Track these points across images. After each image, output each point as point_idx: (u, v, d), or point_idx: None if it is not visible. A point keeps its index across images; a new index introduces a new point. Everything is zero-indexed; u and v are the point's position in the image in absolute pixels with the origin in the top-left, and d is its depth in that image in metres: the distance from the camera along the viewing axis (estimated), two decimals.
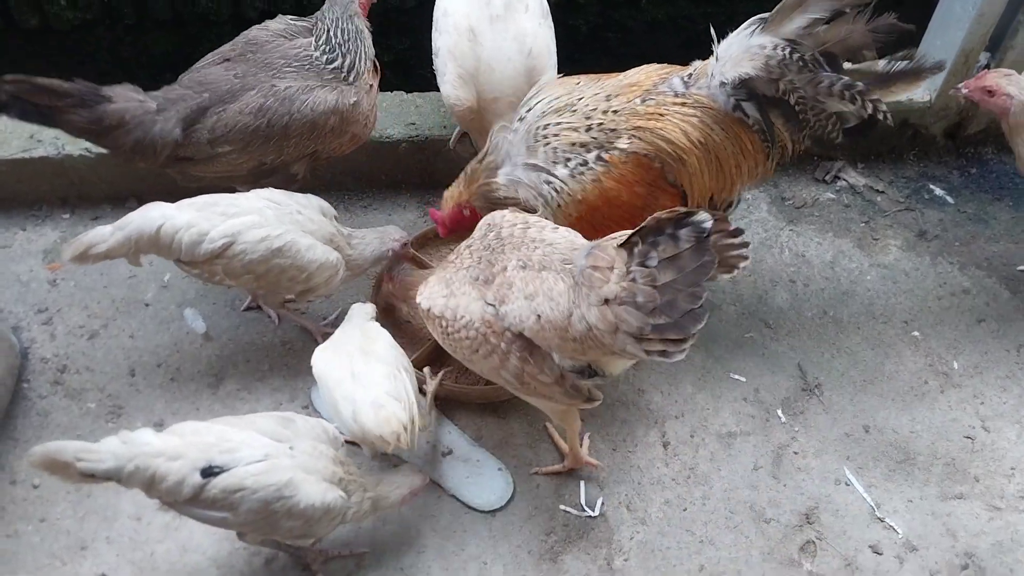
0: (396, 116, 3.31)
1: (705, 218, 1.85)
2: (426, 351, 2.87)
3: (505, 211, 2.42)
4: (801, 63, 2.31)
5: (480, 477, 2.67)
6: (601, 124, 2.50)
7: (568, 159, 2.50)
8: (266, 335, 3.01)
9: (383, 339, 2.48)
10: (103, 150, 3.02)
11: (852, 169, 3.45)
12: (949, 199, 3.37)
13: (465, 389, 2.80)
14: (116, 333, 3.02)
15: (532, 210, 2.54)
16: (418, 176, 3.38)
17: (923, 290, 3.13)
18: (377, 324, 2.58)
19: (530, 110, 2.59)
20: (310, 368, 2.85)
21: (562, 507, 2.63)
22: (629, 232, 1.96)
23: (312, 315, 3.05)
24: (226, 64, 2.84)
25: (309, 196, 2.77)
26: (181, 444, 2.12)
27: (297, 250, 2.59)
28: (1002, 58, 3.15)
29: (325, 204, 2.78)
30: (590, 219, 2.49)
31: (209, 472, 2.07)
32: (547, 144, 2.52)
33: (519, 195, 2.56)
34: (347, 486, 2.23)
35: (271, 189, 2.72)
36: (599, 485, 2.67)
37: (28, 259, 3.20)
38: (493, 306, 2.21)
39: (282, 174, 2.91)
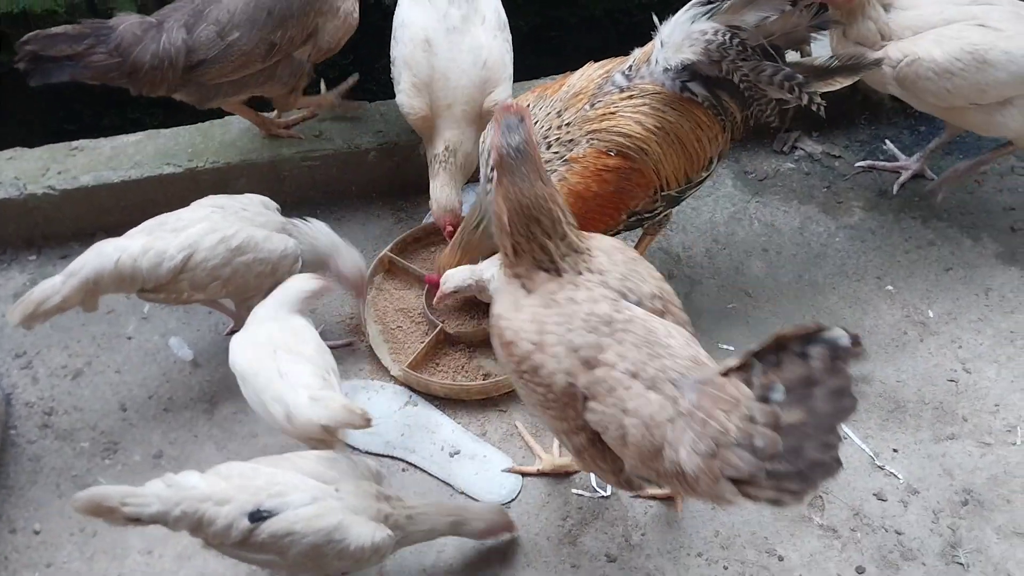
0: (363, 125, 3.32)
1: (840, 335, 1.60)
2: (422, 353, 2.88)
3: (635, 256, 2.18)
4: (741, 48, 2.38)
5: (488, 473, 2.68)
6: (559, 138, 2.54)
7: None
8: None
9: (312, 340, 2.44)
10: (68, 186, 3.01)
11: (808, 138, 3.56)
12: (903, 157, 3.50)
13: (465, 386, 2.82)
14: (101, 370, 2.96)
15: None
16: (389, 183, 3.39)
17: (891, 246, 3.24)
18: (305, 321, 2.50)
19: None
20: None
21: (574, 491, 2.66)
22: (743, 356, 1.72)
23: None
24: None
25: (249, 195, 2.81)
26: (229, 488, 2.09)
27: (255, 243, 2.62)
28: None
29: (267, 199, 2.82)
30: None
31: (258, 517, 2.05)
32: None
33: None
34: (394, 522, 2.19)
35: (211, 196, 2.75)
36: None
37: None
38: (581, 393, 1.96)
39: (289, 65, 2.98)
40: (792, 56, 2.65)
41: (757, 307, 3.08)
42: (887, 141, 3.54)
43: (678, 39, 2.46)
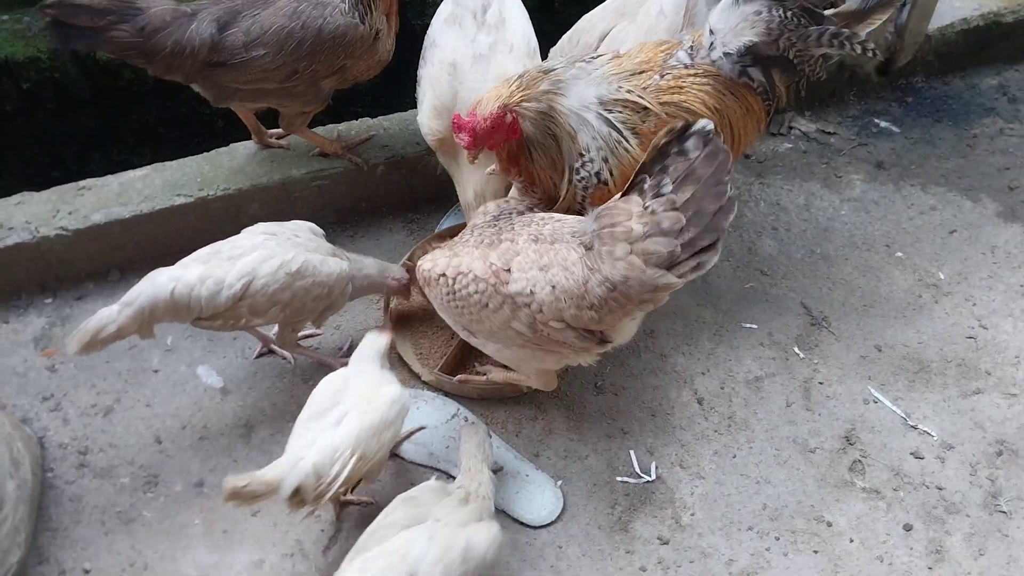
0: (369, 141, 3.33)
1: (706, 123, 1.94)
2: (452, 357, 2.91)
3: (508, 201, 2.49)
4: (795, 20, 2.44)
5: (530, 493, 2.66)
6: (635, 101, 2.52)
7: (630, 129, 2.50)
8: (285, 377, 2.99)
9: (369, 418, 2.32)
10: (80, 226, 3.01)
11: (801, 118, 3.64)
12: (895, 129, 3.59)
13: (498, 384, 2.83)
14: (131, 405, 2.95)
15: (565, 153, 2.47)
16: (398, 196, 3.41)
17: (895, 214, 3.32)
18: (398, 391, 2.42)
19: (592, 64, 2.54)
20: None
21: (619, 479, 2.69)
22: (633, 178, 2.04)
23: (325, 350, 3.04)
24: None
25: (297, 221, 2.81)
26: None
27: (314, 267, 2.62)
28: None
29: (314, 226, 2.83)
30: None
31: None
32: (618, 109, 2.50)
33: (575, 132, 2.45)
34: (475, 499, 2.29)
35: (260, 224, 2.75)
36: (648, 451, 2.74)
37: (19, 350, 3.09)
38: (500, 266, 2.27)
39: (310, 90, 3.02)
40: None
41: (774, 284, 3.14)
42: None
43: (733, 23, 2.49)
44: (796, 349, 2.96)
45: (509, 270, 2.24)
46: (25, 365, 3.05)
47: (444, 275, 2.35)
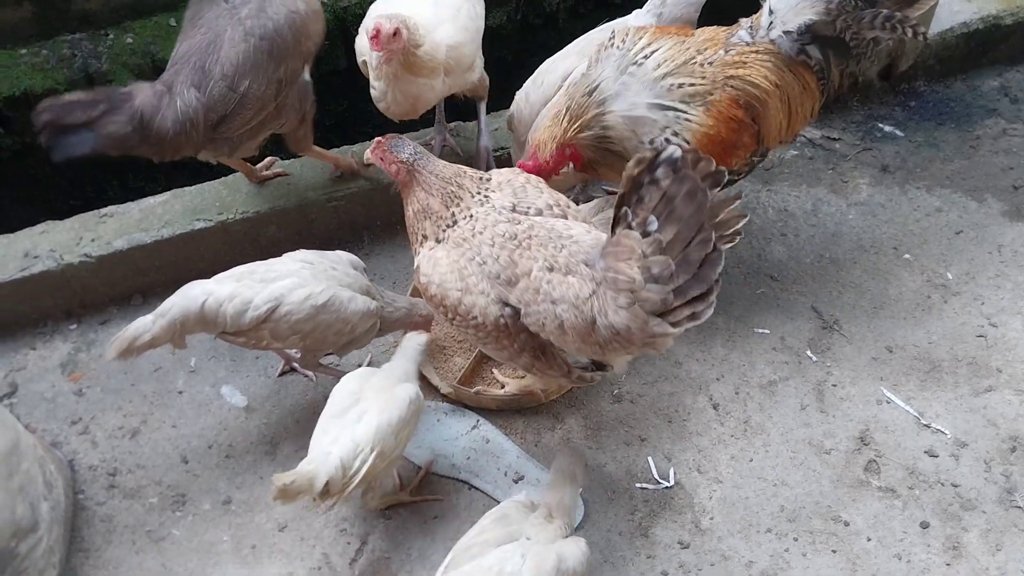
0: None
1: (672, 150, 1.88)
2: (469, 369, 2.97)
3: (528, 178, 2.43)
4: (851, 2, 2.53)
5: None
6: (704, 76, 2.61)
7: (690, 101, 2.59)
8: (308, 393, 3.05)
9: (387, 416, 2.43)
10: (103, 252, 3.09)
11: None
12: (899, 132, 3.64)
13: (516, 396, 2.88)
14: (157, 426, 3.01)
15: (633, 151, 2.50)
16: None
17: (901, 217, 3.37)
18: (413, 389, 2.53)
19: (638, 62, 2.62)
20: None
21: (638, 485, 2.73)
22: (615, 210, 2.00)
23: (346, 366, 3.09)
24: (188, 33, 2.89)
25: (339, 252, 2.86)
26: None
27: (340, 303, 2.66)
28: None
29: (355, 258, 2.87)
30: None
31: None
32: (672, 88, 2.59)
33: (636, 131, 2.58)
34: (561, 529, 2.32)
35: (302, 250, 2.80)
36: (666, 457, 2.79)
37: (47, 376, 3.16)
38: (511, 307, 2.24)
39: (297, 91, 3.02)
40: None
41: (784, 289, 3.18)
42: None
43: (794, 2, 2.59)
44: (809, 352, 3.01)
45: (523, 315, 2.24)
46: (53, 390, 3.12)
47: (452, 308, 2.33)
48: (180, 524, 2.78)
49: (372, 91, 3.09)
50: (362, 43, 3.06)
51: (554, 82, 2.92)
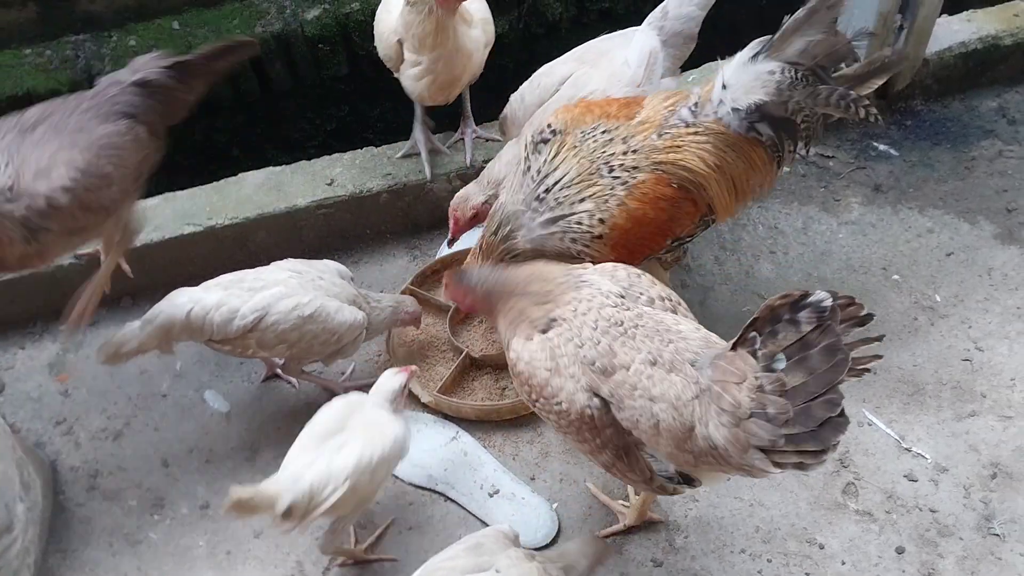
0: (372, 169, 3.42)
1: (823, 296, 1.77)
2: (450, 379, 2.97)
3: (645, 276, 2.26)
4: (804, 82, 2.46)
5: (526, 515, 2.70)
6: (622, 164, 2.57)
7: (588, 197, 2.56)
8: (289, 400, 3.06)
9: (368, 453, 2.33)
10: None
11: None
12: (893, 152, 3.61)
13: (496, 406, 2.89)
14: (140, 429, 3.03)
15: (562, 256, 2.57)
16: (401, 223, 3.49)
17: (892, 237, 3.34)
18: (402, 431, 2.44)
19: (543, 184, 2.62)
20: None
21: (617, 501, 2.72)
22: (742, 331, 1.86)
23: (329, 374, 3.10)
24: None
25: (326, 262, 2.88)
26: None
27: (327, 314, 2.67)
28: (915, 16, 3.42)
29: (342, 268, 2.88)
30: (624, 242, 2.56)
31: None
32: (561, 201, 2.59)
33: (546, 249, 2.60)
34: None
35: (290, 259, 2.82)
36: None
37: (34, 375, 3.19)
38: (601, 399, 2.06)
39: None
40: None
41: None
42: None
43: (747, 80, 2.51)
44: None
45: (614, 405, 2.05)
46: (40, 390, 3.15)
47: (537, 387, 2.15)
48: (158, 527, 2.80)
49: (410, 74, 3.10)
50: (387, 26, 3.08)
51: (550, 86, 2.92)
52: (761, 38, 2.53)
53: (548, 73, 2.98)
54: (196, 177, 3.61)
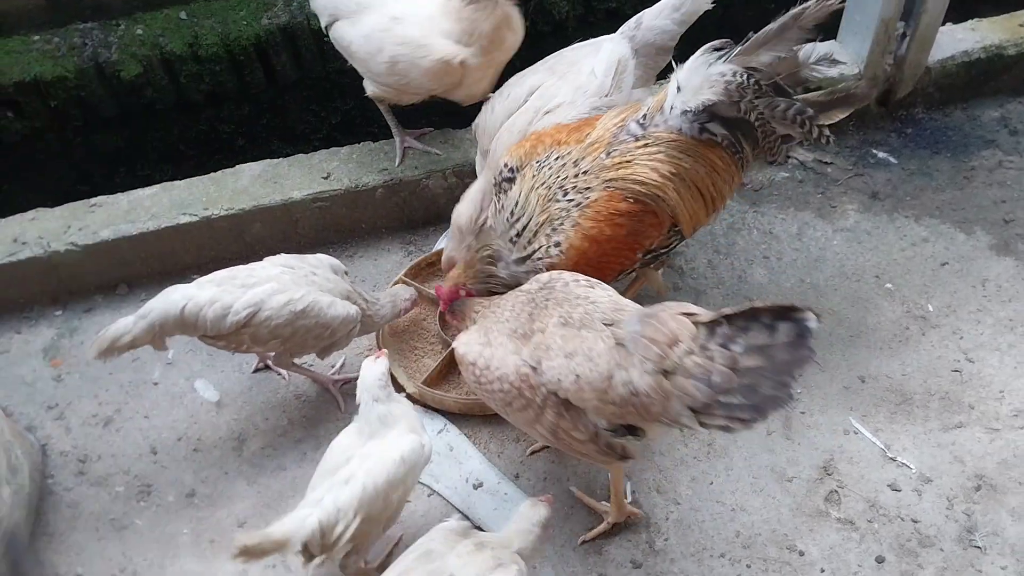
0: (368, 164, 3.43)
1: (811, 318, 1.85)
2: (437, 371, 2.98)
3: (564, 272, 2.43)
4: (758, 87, 2.45)
5: (507, 510, 2.69)
6: (575, 186, 2.58)
7: (546, 222, 2.59)
8: (279, 392, 3.08)
9: (375, 481, 2.29)
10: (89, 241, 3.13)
11: (800, 147, 3.66)
12: (892, 160, 3.60)
13: (479, 400, 2.87)
14: (130, 416, 3.06)
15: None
16: (397, 219, 3.50)
17: (886, 245, 3.33)
18: (408, 446, 2.37)
19: (514, 227, 2.66)
20: (329, 416, 2.96)
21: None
22: (714, 313, 1.98)
23: (320, 367, 3.12)
24: None
25: (319, 256, 2.89)
26: None
27: (320, 309, 2.69)
28: (917, 24, 3.40)
29: (336, 262, 2.89)
30: (586, 262, 2.55)
31: None
32: (531, 240, 2.63)
33: (522, 282, 2.60)
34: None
35: (283, 255, 2.83)
36: (626, 475, 2.78)
37: (29, 360, 3.23)
38: (529, 363, 2.23)
39: None
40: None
41: None
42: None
43: (696, 83, 2.50)
44: None
45: (536, 368, 2.22)
46: (34, 374, 3.19)
47: (475, 364, 2.35)
48: (143, 514, 2.83)
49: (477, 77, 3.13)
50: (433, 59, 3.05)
51: (519, 96, 2.92)
52: (714, 42, 2.53)
53: (518, 83, 2.98)
54: (201, 167, 3.64)
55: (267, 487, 2.84)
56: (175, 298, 2.63)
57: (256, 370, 3.13)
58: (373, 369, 2.48)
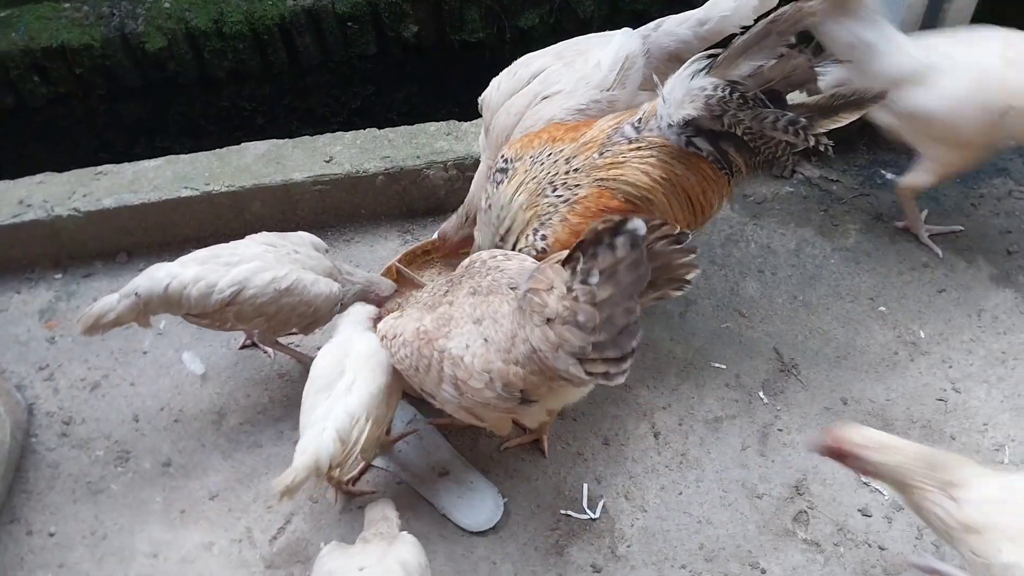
0: (371, 151, 3.45)
1: (639, 225, 1.89)
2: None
3: (484, 251, 2.55)
4: (741, 101, 2.41)
5: (471, 499, 2.74)
6: (565, 183, 2.59)
7: (536, 224, 2.60)
8: (263, 370, 3.12)
9: (376, 383, 2.47)
10: (92, 208, 3.18)
11: (807, 163, 3.62)
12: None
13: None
14: (117, 382, 3.11)
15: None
16: (396, 206, 3.52)
17: (885, 267, 3.28)
18: (383, 357, 2.53)
19: (499, 231, 2.69)
20: None
21: (562, 511, 2.72)
22: (571, 250, 2.02)
23: (306, 348, 3.15)
24: None
25: (301, 234, 2.90)
26: None
27: (303, 287, 2.72)
28: None
29: (317, 240, 2.91)
30: None
31: None
32: (510, 237, 2.66)
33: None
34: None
35: (265, 233, 2.85)
36: (596, 479, 2.78)
37: (25, 320, 3.30)
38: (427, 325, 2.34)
39: None
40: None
41: (751, 327, 3.14)
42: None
43: (679, 96, 2.49)
44: (761, 393, 2.96)
45: (444, 332, 2.30)
46: (28, 335, 3.25)
47: (386, 336, 2.44)
48: (119, 479, 2.88)
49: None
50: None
51: (525, 76, 2.91)
52: (704, 52, 2.51)
53: (527, 64, 2.97)
54: (221, 143, 3.67)
55: (241, 463, 2.88)
56: (159, 276, 2.66)
57: (243, 347, 3.17)
58: (363, 309, 2.75)
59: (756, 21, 2.71)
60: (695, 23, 2.83)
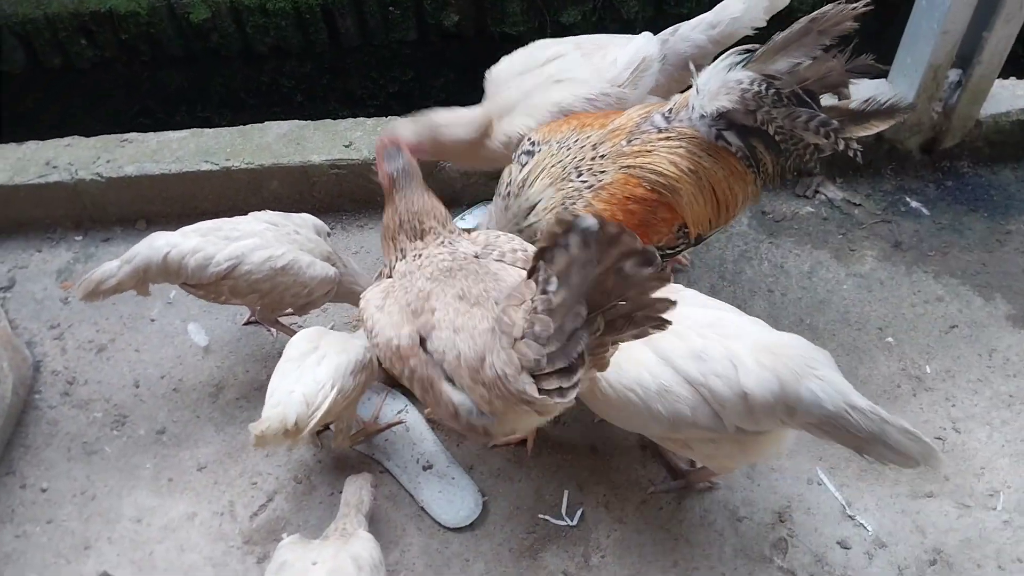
0: None
1: (591, 223, 1.73)
2: None
3: (503, 237, 2.43)
4: (777, 97, 2.38)
5: (452, 495, 2.75)
6: (591, 168, 2.57)
7: (560, 209, 2.57)
8: (264, 347, 3.16)
9: (345, 357, 2.52)
10: (113, 175, 3.24)
11: (831, 183, 3.56)
12: (925, 211, 3.46)
13: None
14: (123, 347, 3.19)
15: None
16: None
17: (897, 298, 3.21)
18: (358, 342, 2.60)
19: (517, 224, 2.65)
20: None
21: (540, 516, 2.72)
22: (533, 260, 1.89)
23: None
24: None
25: (304, 216, 2.93)
26: None
27: (299, 268, 2.75)
28: (971, 74, 3.25)
29: (319, 223, 2.94)
30: None
31: None
32: (531, 219, 2.63)
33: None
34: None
35: (268, 212, 2.89)
36: (578, 486, 2.77)
37: (43, 278, 3.39)
38: (421, 336, 2.20)
39: None
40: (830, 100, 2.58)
41: None
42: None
43: (714, 87, 2.47)
44: None
45: (420, 343, 2.20)
46: (44, 293, 3.34)
47: (361, 319, 2.41)
48: (114, 443, 2.95)
49: None
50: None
51: (540, 59, 2.92)
52: (740, 47, 2.47)
53: (544, 46, 2.96)
54: (259, 117, 3.73)
55: (233, 437, 2.93)
56: (159, 244, 2.71)
57: (247, 323, 3.22)
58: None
59: (768, 21, 2.74)
60: (706, 26, 2.83)
